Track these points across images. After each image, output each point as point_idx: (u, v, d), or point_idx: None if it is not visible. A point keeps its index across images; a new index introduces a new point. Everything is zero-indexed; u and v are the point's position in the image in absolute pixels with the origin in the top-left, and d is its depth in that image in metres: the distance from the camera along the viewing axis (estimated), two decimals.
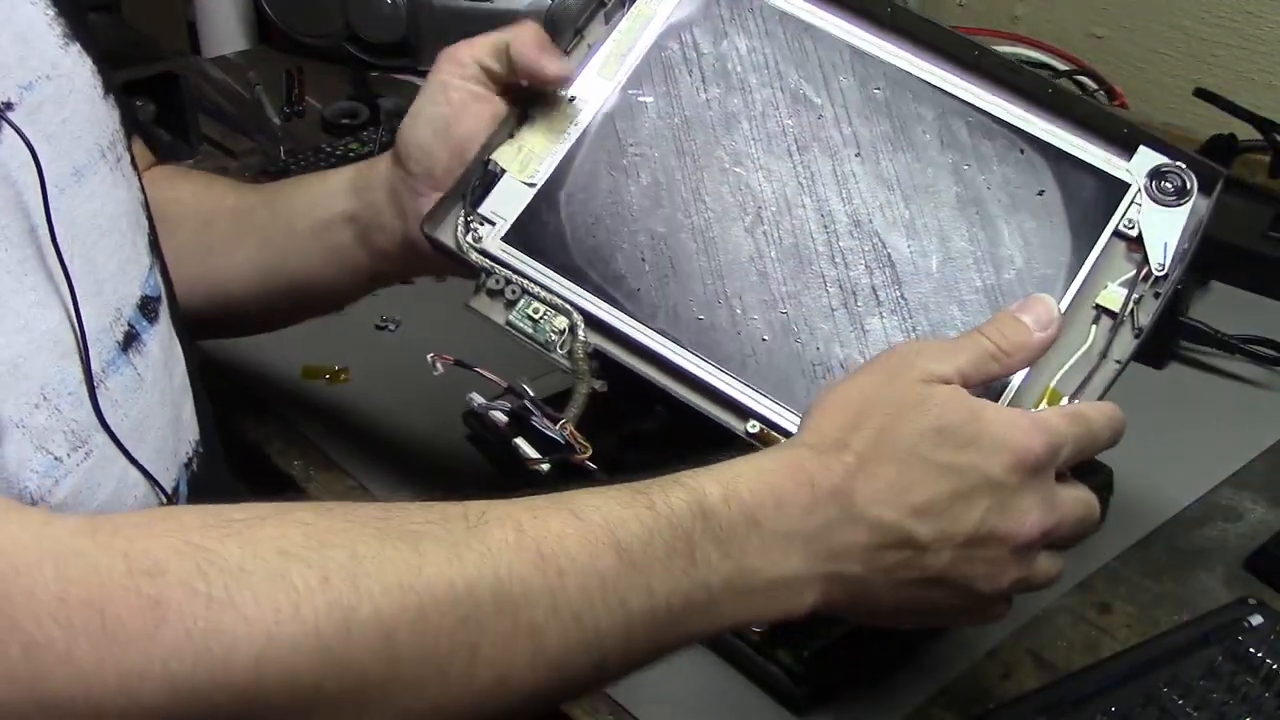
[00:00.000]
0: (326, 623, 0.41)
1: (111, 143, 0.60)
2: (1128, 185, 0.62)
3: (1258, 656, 0.62)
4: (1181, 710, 0.59)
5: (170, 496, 0.60)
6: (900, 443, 0.51)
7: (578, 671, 0.46)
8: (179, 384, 0.64)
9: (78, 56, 0.58)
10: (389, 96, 1.30)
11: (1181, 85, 1.22)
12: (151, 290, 0.62)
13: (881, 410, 0.52)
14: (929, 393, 0.52)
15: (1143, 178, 0.62)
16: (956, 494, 0.50)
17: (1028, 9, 1.34)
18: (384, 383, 0.88)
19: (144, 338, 0.60)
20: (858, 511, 0.50)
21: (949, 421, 0.51)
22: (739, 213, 0.65)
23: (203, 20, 1.48)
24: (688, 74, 0.69)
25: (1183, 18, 1.22)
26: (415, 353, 0.91)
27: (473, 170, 0.67)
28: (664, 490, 0.48)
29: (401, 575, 0.42)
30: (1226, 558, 0.73)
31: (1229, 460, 0.81)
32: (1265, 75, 1.18)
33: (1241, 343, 0.90)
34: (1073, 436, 0.54)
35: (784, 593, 0.49)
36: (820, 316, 0.62)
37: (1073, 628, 0.68)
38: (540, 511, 0.46)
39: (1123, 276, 0.61)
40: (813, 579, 0.50)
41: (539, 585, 0.44)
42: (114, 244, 0.59)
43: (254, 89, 1.32)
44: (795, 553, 0.49)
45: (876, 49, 0.67)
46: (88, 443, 0.54)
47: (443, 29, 1.36)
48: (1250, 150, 1.09)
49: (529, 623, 0.44)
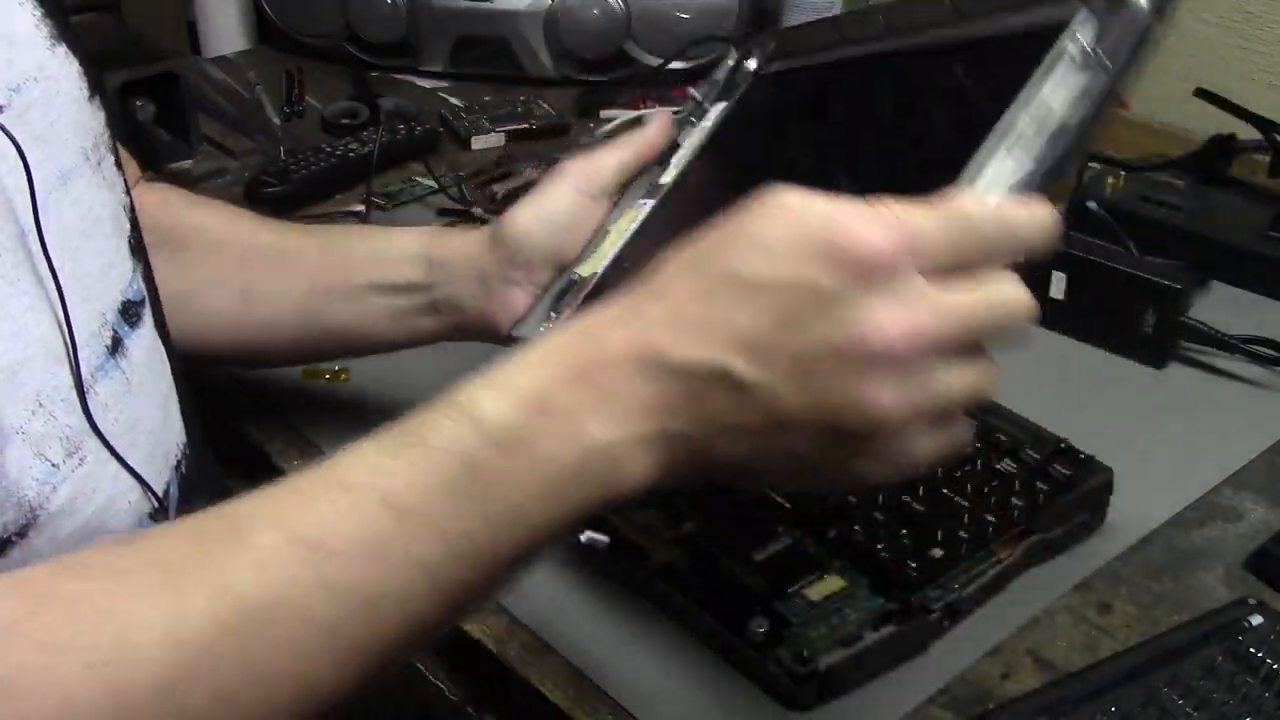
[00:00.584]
0: (105, 706, 0.38)
1: (95, 145, 0.59)
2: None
3: (1258, 656, 0.62)
4: (1181, 710, 0.59)
5: (161, 499, 0.60)
6: (710, 269, 0.44)
7: (400, 635, 0.43)
8: (165, 387, 0.64)
9: (64, 58, 0.57)
10: (389, 96, 1.30)
11: (1181, 85, 1.22)
12: (134, 294, 0.61)
13: (702, 244, 0.45)
14: (757, 210, 0.45)
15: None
16: (777, 311, 0.43)
17: None
18: (384, 383, 0.88)
19: (126, 342, 0.60)
20: (663, 357, 0.44)
21: (765, 229, 0.44)
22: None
23: (203, 20, 1.48)
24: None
25: (1183, 17, 1.22)
26: (415, 353, 0.91)
27: (557, 280, 0.71)
28: (435, 420, 0.44)
29: (167, 628, 0.40)
30: (1226, 558, 0.73)
31: (1229, 460, 0.81)
32: (1265, 75, 1.18)
33: (1241, 343, 0.90)
34: (940, 230, 0.44)
35: (602, 469, 0.44)
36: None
37: (1073, 628, 0.68)
38: (306, 494, 0.43)
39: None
40: (632, 445, 0.44)
41: (311, 579, 0.41)
42: (97, 248, 0.59)
43: (254, 89, 1.32)
44: (599, 423, 0.43)
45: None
46: (81, 448, 0.54)
47: (443, 29, 1.36)
48: (1250, 150, 1.09)
49: (314, 621, 0.41)
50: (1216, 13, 1.20)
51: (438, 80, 1.39)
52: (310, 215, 1.05)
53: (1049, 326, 0.95)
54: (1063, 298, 0.94)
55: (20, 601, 0.40)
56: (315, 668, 0.42)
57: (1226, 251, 1.00)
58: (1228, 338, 0.90)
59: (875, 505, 0.70)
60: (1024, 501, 0.70)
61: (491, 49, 1.37)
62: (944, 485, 0.71)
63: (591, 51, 1.35)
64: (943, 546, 0.67)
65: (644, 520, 0.72)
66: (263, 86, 1.32)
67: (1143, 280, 0.90)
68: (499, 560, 0.44)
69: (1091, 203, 1.03)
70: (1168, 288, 0.89)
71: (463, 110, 1.29)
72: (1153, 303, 0.90)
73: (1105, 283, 0.92)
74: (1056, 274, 0.93)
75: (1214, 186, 1.07)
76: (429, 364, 0.89)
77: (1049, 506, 0.70)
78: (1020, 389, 0.86)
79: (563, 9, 1.33)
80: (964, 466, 0.73)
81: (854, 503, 0.70)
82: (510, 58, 1.37)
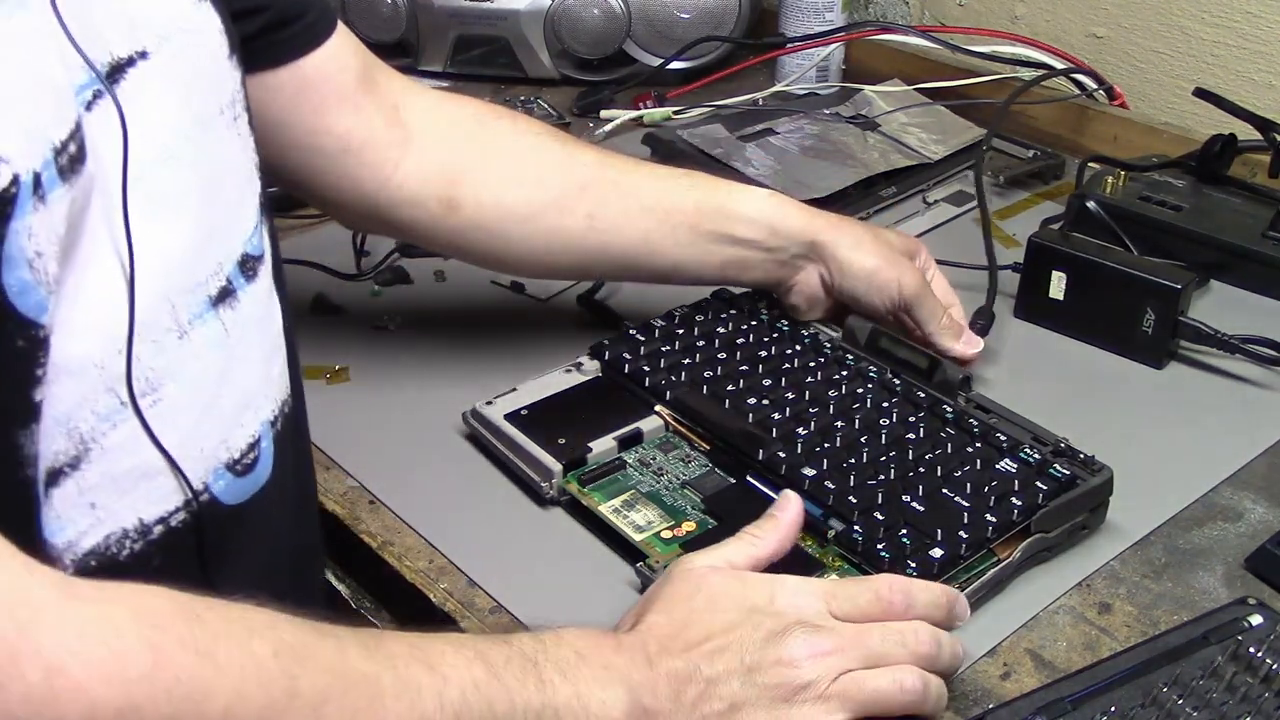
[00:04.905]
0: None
1: (231, 101, 0.62)
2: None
3: (1258, 656, 0.62)
4: (1181, 710, 0.59)
5: (246, 450, 0.61)
6: (677, 611, 0.60)
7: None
8: (270, 344, 0.65)
9: (209, 13, 0.61)
10: None
11: (1181, 85, 1.22)
12: (254, 249, 0.63)
13: (663, 597, 0.61)
14: (697, 573, 0.62)
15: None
16: (729, 631, 0.58)
17: (1028, 9, 1.34)
18: (384, 383, 0.88)
19: (239, 294, 0.61)
20: (653, 660, 0.57)
21: (715, 586, 0.61)
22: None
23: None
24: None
25: (1183, 18, 1.22)
26: (415, 353, 0.92)
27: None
28: (514, 634, 0.57)
29: (331, 663, 0.49)
30: (1226, 558, 0.73)
31: (1229, 460, 0.81)
32: (1265, 75, 1.18)
33: (1241, 343, 0.90)
34: (838, 589, 0.61)
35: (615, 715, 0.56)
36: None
37: (1073, 628, 0.68)
38: (425, 639, 0.54)
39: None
40: (633, 711, 0.56)
41: (429, 683, 0.51)
42: (225, 199, 0.61)
43: None
44: (615, 685, 0.56)
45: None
46: (159, 389, 0.55)
47: (443, 29, 1.36)
48: (1250, 150, 1.09)
49: (422, 711, 0.51)
50: (1216, 13, 1.20)
51: (438, 80, 1.39)
52: (310, 215, 1.05)
53: (1049, 326, 0.95)
54: (1062, 298, 0.94)
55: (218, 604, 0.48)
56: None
57: (1226, 251, 1.00)
58: (1228, 338, 0.90)
59: (875, 505, 0.70)
60: (1024, 501, 0.70)
61: (491, 49, 1.37)
62: (944, 485, 0.71)
63: (591, 51, 1.35)
64: (943, 546, 0.67)
65: (644, 520, 0.72)
66: None
67: (1143, 280, 0.90)
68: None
69: (1091, 203, 1.03)
70: (1168, 288, 0.89)
71: None
72: (1153, 303, 0.90)
73: (1105, 283, 0.92)
74: (1056, 274, 0.93)
75: (1214, 186, 1.07)
76: (429, 364, 0.89)
77: (1049, 506, 0.70)
78: (1020, 388, 0.86)
79: (563, 9, 1.33)
80: (964, 466, 0.73)
81: (854, 502, 0.70)
82: (510, 58, 1.37)
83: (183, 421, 0.57)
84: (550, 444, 0.77)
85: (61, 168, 0.48)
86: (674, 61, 1.33)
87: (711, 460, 0.77)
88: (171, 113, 0.57)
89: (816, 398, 0.79)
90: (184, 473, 0.57)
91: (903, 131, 1.21)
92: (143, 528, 0.56)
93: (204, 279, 0.58)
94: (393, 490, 0.78)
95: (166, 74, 0.57)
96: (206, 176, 0.59)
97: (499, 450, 0.79)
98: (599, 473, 0.76)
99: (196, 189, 0.58)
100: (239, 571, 0.61)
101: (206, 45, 0.61)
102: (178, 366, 0.56)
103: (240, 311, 0.61)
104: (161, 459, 0.56)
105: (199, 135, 0.59)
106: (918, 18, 1.43)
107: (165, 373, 0.56)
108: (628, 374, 0.82)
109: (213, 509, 0.59)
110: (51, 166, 0.47)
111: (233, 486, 0.60)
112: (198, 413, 0.58)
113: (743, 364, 0.82)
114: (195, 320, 0.58)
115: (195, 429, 0.58)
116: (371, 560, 0.74)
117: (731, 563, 0.63)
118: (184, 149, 0.57)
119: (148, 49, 0.56)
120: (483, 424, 0.80)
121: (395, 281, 1.00)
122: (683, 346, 0.84)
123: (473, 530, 0.74)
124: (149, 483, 0.56)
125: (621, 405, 0.81)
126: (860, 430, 0.76)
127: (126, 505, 0.55)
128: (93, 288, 0.51)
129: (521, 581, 0.71)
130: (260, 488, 0.62)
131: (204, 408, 0.58)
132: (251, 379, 0.62)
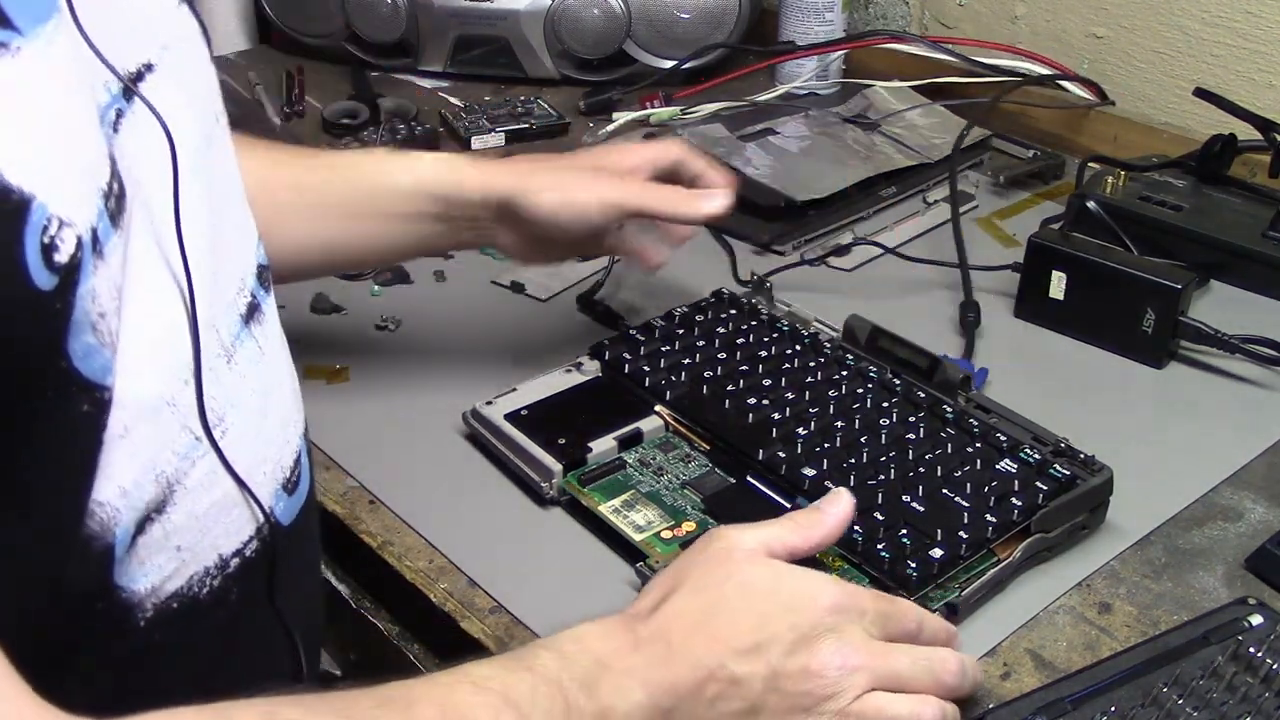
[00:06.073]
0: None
1: (220, 106, 0.60)
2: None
3: (1258, 656, 0.62)
4: (1181, 710, 0.59)
5: (293, 466, 0.60)
6: (708, 594, 0.58)
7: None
8: (288, 350, 0.63)
9: (189, 15, 0.58)
10: (389, 96, 1.30)
11: (1181, 85, 1.22)
12: (263, 258, 0.61)
13: (694, 573, 0.59)
14: (731, 554, 0.59)
15: None
16: (759, 630, 0.56)
17: (1028, 9, 1.34)
18: (384, 383, 0.88)
19: (263, 307, 0.59)
20: (675, 651, 0.56)
21: (749, 575, 0.59)
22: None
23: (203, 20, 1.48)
24: None
25: (1183, 18, 1.22)
26: (415, 353, 0.91)
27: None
28: (535, 653, 0.55)
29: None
30: (1226, 558, 0.73)
31: (1229, 460, 0.81)
32: (1265, 75, 1.18)
33: (1241, 343, 0.90)
34: (874, 604, 0.59)
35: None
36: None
37: (1073, 628, 0.68)
38: (450, 688, 0.51)
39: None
40: (659, 711, 0.55)
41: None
42: (233, 210, 0.59)
43: (254, 89, 1.32)
44: (637, 687, 0.54)
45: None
46: (225, 419, 0.53)
47: (443, 29, 1.36)
48: (1250, 150, 1.09)
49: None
50: (1216, 13, 1.20)
51: (438, 80, 1.39)
52: None
53: (1049, 326, 0.95)
54: (1062, 298, 0.94)
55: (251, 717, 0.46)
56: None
57: (1226, 251, 1.00)
58: (1228, 338, 0.90)
59: (875, 505, 0.70)
60: (1024, 501, 0.70)
61: (491, 49, 1.37)
62: (944, 485, 0.71)
63: (591, 51, 1.35)
64: (942, 547, 0.67)
65: (644, 520, 0.72)
66: (263, 86, 1.32)
67: (1143, 280, 0.90)
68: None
69: (1091, 203, 1.03)
70: (1168, 288, 0.89)
71: (463, 110, 1.29)
72: (1153, 302, 0.90)
73: (1105, 283, 0.92)
74: (1056, 274, 0.93)
75: (1214, 186, 1.07)
76: (429, 364, 0.89)
77: (1049, 506, 0.70)
78: (1020, 388, 0.86)
79: (563, 9, 1.33)
80: (964, 466, 0.73)
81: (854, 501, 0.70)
82: (510, 58, 1.37)
83: (247, 447, 0.55)
84: (550, 444, 0.77)
85: (111, 213, 0.45)
86: (680, 64, 1.33)
87: (711, 460, 0.77)
88: (184, 125, 0.53)
89: (817, 398, 0.79)
90: (258, 500, 0.56)
91: (903, 131, 1.21)
92: (221, 563, 0.54)
93: (233, 297, 0.57)
94: (393, 490, 0.78)
95: (173, 85, 0.54)
96: (217, 189, 0.57)
97: (499, 450, 0.79)
98: (599, 473, 0.76)
99: (210, 203, 0.55)
100: (296, 592, 0.61)
101: (196, 50, 0.58)
102: (233, 392, 0.54)
103: (266, 326, 0.59)
104: (238, 490, 0.54)
105: (204, 146, 0.56)
106: (918, 17, 1.43)
107: (226, 401, 0.54)
108: (628, 374, 0.82)
109: (275, 532, 0.57)
110: (105, 216, 0.44)
111: (288, 506, 0.59)
112: (253, 436, 0.56)
113: (743, 364, 0.82)
114: (236, 342, 0.56)
115: (257, 454, 0.56)
116: (371, 560, 0.74)
117: (769, 548, 0.60)
118: (198, 162, 0.55)
119: (153, 60, 0.53)
120: (483, 424, 0.80)
121: (395, 281, 1.00)
122: (683, 346, 0.84)
123: (473, 530, 0.74)
124: (226, 516, 0.54)
125: (621, 405, 0.81)
126: (860, 430, 0.76)
127: (208, 543, 0.54)
128: (152, 323, 0.49)
129: (521, 581, 0.71)
130: (304, 502, 0.61)
131: (257, 430, 0.57)
132: (286, 393, 0.61)
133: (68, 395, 0.44)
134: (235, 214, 0.60)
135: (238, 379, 0.55)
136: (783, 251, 1.05)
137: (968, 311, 0.94)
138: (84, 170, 0.43)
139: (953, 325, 0.95)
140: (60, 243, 0.41)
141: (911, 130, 1.21)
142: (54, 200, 0.41)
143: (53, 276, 0.41)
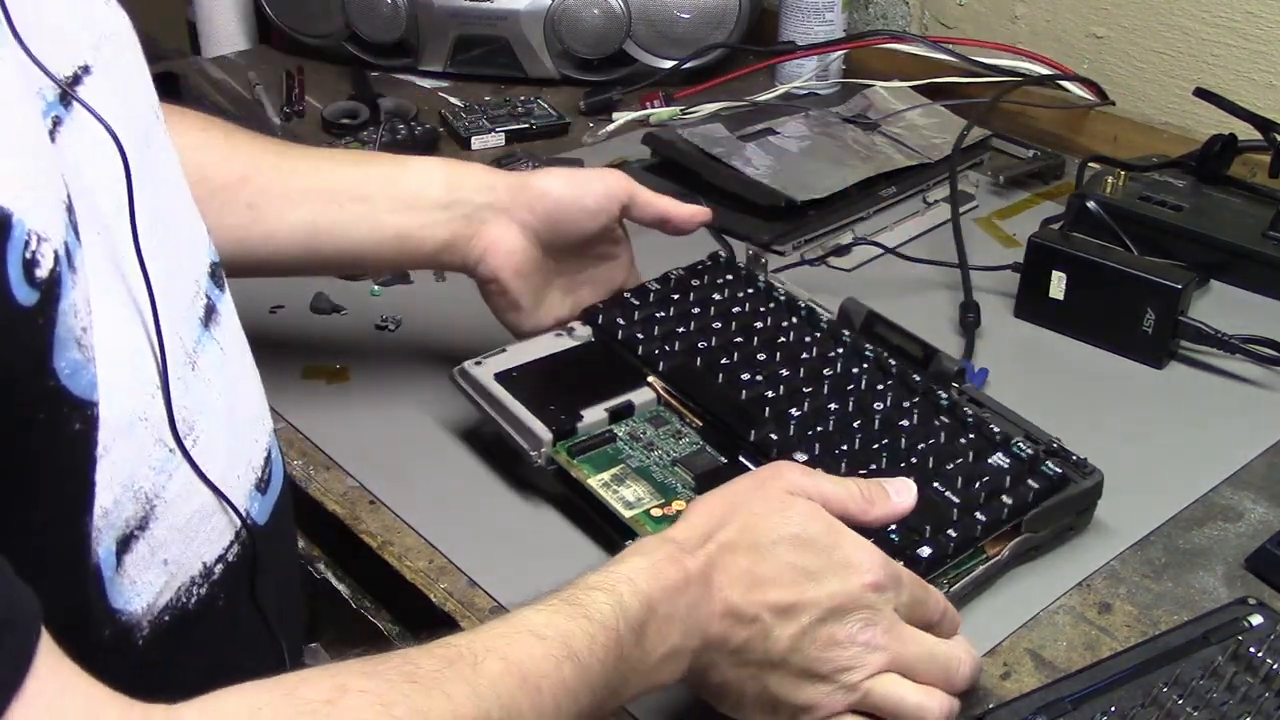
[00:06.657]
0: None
1: (156, 103, 0.59)
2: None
3: (1258, 656, 0.62)
4: (1181, 710, 0.59)
5: (264, 465, 0.60)
6: (760, 539, 0.58)
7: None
8: (245, 345, 0.62)
9: (119, 11, 0.57)
10: (389, 96, 1.30)
11: (1181, 85, 1.22)
12: (214, 254, 0.60)
13: (748, 509, 0.59)
14: (792, 502, 0.59)
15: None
16: (802, 592, 0.57)
17: (1028, 8, 1.34)
18: (384, 383, 0.88)
19: (219, 306, 0.59)
20: (714, 592, 0.56)
21: (807, 530, 0.58)
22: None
23: (203, 20, 1.48)
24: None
25: (1183, 18, 1.22)
26: (415, 353, 0.91)
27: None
28: (590, 596, 0.54)
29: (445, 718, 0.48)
30: (1226, 558, 0.73)
31: (1229, 460, 0.81)
32: (1265, 75, 1.18)
33: (1241, 343, 0.90)
34: (910, 588, 0.60)
35: (668, 666, 0.56)
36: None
37: (1073, 628, 0.68)
38: (511, 638, 0.52)
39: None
40: (686, 652, 0.56)
41: (527, 704, 0.50)
42: (179, 210, 0.58)
43: (254, 89, 1.32)
44: (675, 631, 0.55)
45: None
46: (195, 428, 0.53)
47: (443, 29, 1.36)
48: (1250, 150, 1.09)
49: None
50: (1216, 13, 1.20)
51: (438, 80, 1.39)
52: None
53: (1049, 326, 0.95)
54: (1063, 298, 0.94)
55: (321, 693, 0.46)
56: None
57: (1226, 251, 1.00)
58: (1227, 338, 0.90)
59: None
60: (1014, 500, 0.70)
61: (491, 49, 1.37)
62: (935, 478, 0.71)
63: (592, 51, 1.35)
64: (931, 545, 0.67)
65: (634, 496, 0.71)
66: (263, 86, 1.32)
67: (1143, 280, 0.90)
68: (604, 714, 0.55)
69: (1091, 203, 1.03)
70: (1168, 288, 0.89)
71: (462, 110, 1.29)
72: (1152, 302, 0.90)
73: (1105, 282, 0.92)
74: (1056, 274, 0.93)
75: (1214, 186, 1.07)
76: (429, 364, 0.89)
77: (1039, 507, 0.70)
78: (1021, 388, 0.86)
79: (563, 9, 1.33)
80: (956, 458, 0.72)
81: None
82: (510, 58, 1.37)
83: (219, 453, 0.55)
84: (540, 410, 0.75)
85: (74, 223, 0.44)
86: (681, 64, 1.33)
87: (703, 437, 0.76)
88: (125, 127, 0.50)
89: (811, 375, 0.78)
90: (233, 505, 0.55)
91: (903, 131, 1.21)
92: (206, 570, 0.54)
93: (190, 301, 0.56)
94: (393, 490, 0.78)
95: (109, 86, 0.52)
96: (163, 189, 0.55)
97: (486, 412, 0.77)
98: (589, 444, 0.75)
99: (158, 204, 0.54)
100: (277, 588, 0.60)
101: (129, 49, 0.56)
102: (200, 399, 0.54)
103: (224, 326, 0.59)
104: (214, 497, 0.54)
105: (145, 146, 0.54)
106: (918, 17, 1.43)
107: (194, 409, 0.53)
108: (621, 340, 0.81)
109: (253, 533, 0.57)
110: (70, 229, 0.43)
111: (262, 506, 0.59)
112: (223, 441, 0.56)
113: (737, 335, 0.81)
114: (198, 347, 0.55)
115: (229, 457, 0.56)
116: (371, 560, 0.74)
117: (828, 502, 0.60)
118: (142, 163, 0.52)
119: (88, 62, 0.51)
120: (470, 384, 0.78)
121: (395, 281, 1.00)
122: (677, 313, 0.83)
123: (473, 530, 0.74)
124: (207, 524, 0.54)
125: (613, 373, 0.79)
126: (854, 414, 0.75)
127: (192, 553, 0.53)
128: (116, 337, 0.48)
129: (521, 581, 0.70)
130: (277, 499, 0.61)
131: (227, 433, 0.56)
132: (251, 393, 0.61)
133: (60, 415, 0.43)
134: (182, 212, 0.59)
135: (203, 385, 0.55)
136: (783, 251, 1.05)
137: (968, 311, 0.94)
138: (49, 182, 0.43)
139: (953, 325, 0.95)
140: (40, 258, 0.41)
141: (911, 130, 1.21)
142: (30, 215, 0.40)
143: (33, 292, 0.40)
